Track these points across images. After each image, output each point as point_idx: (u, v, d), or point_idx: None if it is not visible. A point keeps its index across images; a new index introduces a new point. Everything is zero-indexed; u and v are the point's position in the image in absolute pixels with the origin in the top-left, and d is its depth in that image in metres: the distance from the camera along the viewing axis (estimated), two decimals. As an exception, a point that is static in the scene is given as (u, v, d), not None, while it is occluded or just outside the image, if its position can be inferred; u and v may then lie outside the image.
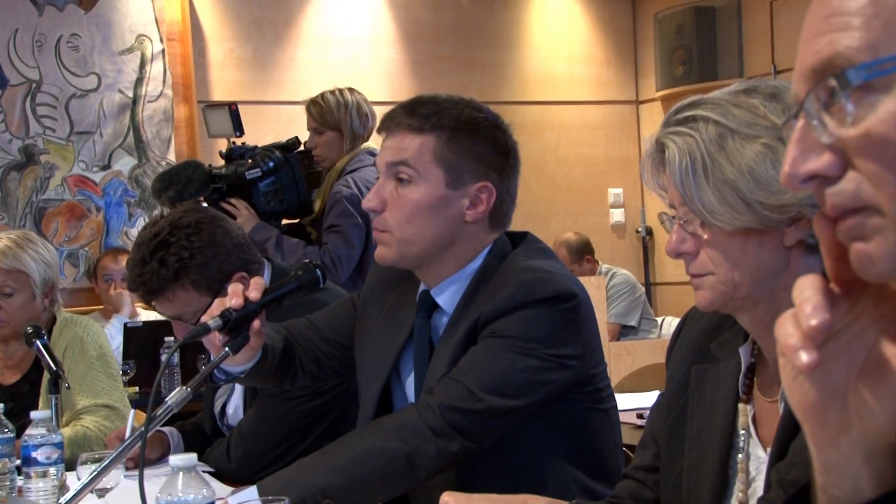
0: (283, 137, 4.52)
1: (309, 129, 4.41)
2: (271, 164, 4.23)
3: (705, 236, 1.48)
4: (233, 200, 4.17)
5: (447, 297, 2.10)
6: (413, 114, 2.05)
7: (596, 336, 2.09)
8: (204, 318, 1.96)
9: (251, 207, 4.20)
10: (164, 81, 5.80)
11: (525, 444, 2.04)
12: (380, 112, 2.20)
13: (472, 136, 2.05)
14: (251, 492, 1.91)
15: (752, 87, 1.49)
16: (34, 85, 5.55)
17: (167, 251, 2.53)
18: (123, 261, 5.43)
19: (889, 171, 0.78)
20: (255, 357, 2.08)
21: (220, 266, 2.57)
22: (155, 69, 5.78)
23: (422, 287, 2.15)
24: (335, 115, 4.32)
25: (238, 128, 4.57)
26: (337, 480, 1.91)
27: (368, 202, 2.07)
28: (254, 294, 1.96)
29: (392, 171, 2.05)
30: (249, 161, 4.24)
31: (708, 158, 1.44)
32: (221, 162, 4.37)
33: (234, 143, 4.43)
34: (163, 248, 2.53)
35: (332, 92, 4.38)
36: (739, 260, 1.47)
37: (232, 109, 4.58)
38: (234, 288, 1.98)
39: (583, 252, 6.21)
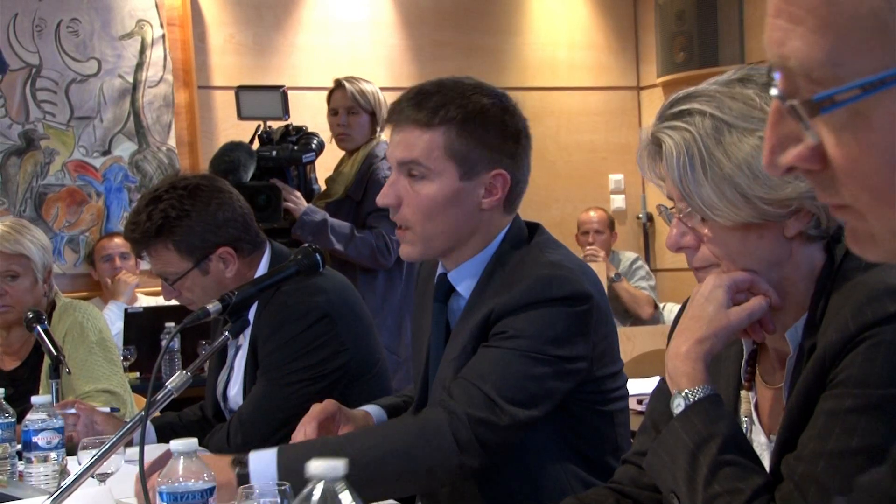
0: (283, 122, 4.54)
1: (338, 108, 4.45)
2: (316, 147, 4.33)
3: (705, 230, 1.48)
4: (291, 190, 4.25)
5: (465, 283, 2.10)
6: (420, 107, 2.02)
7: (607, 338, 2.07)
8: None
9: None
10: (164, 66, 5.79)
11: (526, 444, 2.03)
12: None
13: (481, 126, 2.02)
14: (271, 457, 1.90)
15: (747, 76, 1.48)
16: (34, 70, 5.54)
17: (156, 206, 2.55)
18: (118, 239, 5.43)
19: (863, 191, 0.75)
20: None
21: (205, 234, 2.56)
22: (155, 54, 5.77)
23: (440, 270, 2.15)
24: (372, 99, 4.41)
25: (286, 111, 4.59)
26: (355, 473, 1.92)
27: (384, 198, 2.06)
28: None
29: (404, 169, 2.04)
30: (301, 143, 4.31)
31: (705, 153, 1.43)
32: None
33: (270, 126, 4.46)
34: (154, 203, 2.56)
35: (358, 79, 4.48)
36: (740, 253, 1.47)
37: (283, 92, 4.60)
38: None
39: None
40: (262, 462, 1.90)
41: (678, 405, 1.45)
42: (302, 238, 4.11)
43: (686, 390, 1.45)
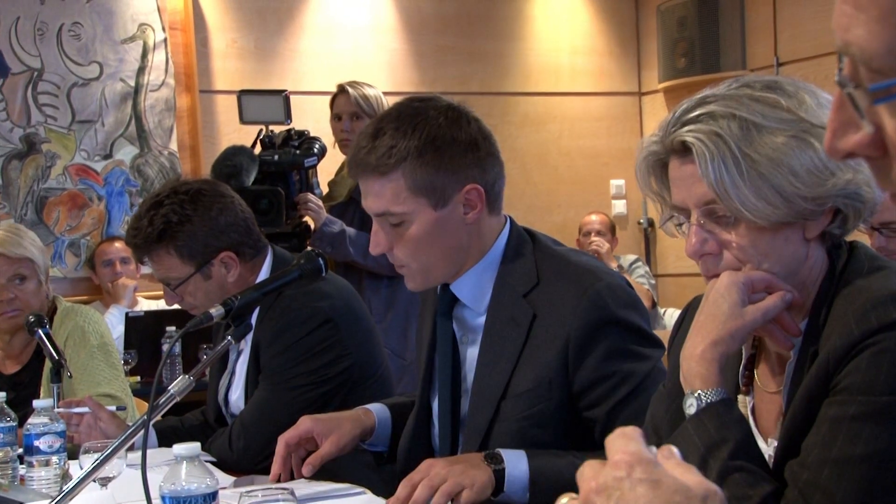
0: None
1: (342, 114, 4.44)
2: (318, 151, 4.32)
3: (731, 235, 1.47)
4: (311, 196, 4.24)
5: (467, 291, 2.10)
6: (372, 153, 2.01)
7: None
8: None
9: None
10: (166, 71, 5.79)
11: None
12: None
13: (436, 152, 2.01)
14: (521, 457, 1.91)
15: (750, 83, 1.48)
16: (36, 73, 5.54)
17: (157, 211, 2.55)
18: (118, 243, 5.43)
19: None
20: None
21: (208, 239, 2.57)
22: (157, 58, 5.77)
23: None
24: (375, 104, 4.40)
25: (288, 115, 4.59)
26: None
27: (375, 248, 2.08)
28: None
29: (382, 219, 2.06)
30: (303, 147, 4.30)
31: (738, 154, 1.43)
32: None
33: (272, 130, 4.46)
34: (156, 208, 2.57)
35: (361, 84, 4.46)
36: (767, 255, 1.46)
37: (285, 97, 4.60)
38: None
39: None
40: (514, 458, 1.91)
41: (690, 405, 1.45)
42: (321, 249, 4.10)
43: (699, 391, 1.45)
